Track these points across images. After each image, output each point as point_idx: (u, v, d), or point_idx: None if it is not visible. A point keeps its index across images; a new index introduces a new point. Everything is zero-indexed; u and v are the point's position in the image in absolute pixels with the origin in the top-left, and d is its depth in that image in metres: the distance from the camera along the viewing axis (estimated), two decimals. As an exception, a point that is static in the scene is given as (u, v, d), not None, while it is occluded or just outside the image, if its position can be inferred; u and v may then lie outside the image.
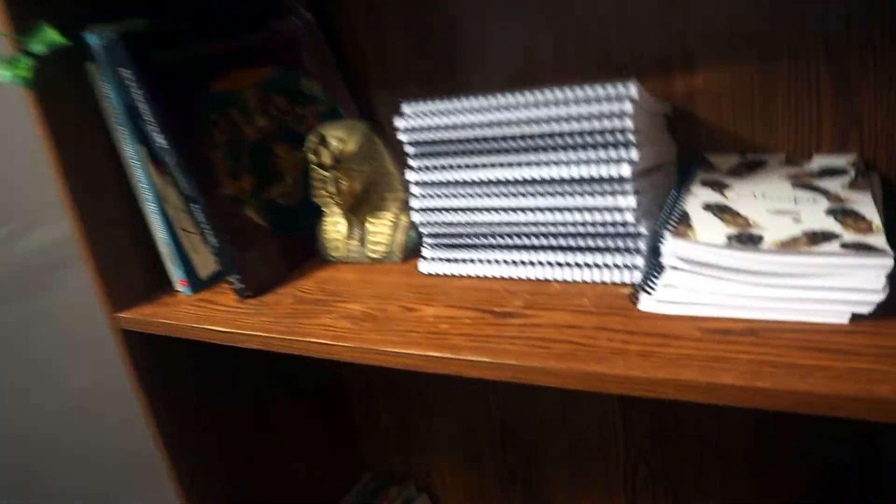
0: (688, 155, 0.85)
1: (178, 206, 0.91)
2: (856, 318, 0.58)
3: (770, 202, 0.68)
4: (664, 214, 0.68)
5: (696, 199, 0.70)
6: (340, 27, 1.04)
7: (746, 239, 0.60)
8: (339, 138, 0.87)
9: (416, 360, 0.68)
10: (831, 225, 0.62)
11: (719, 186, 0.73)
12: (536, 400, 1.17)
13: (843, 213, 0.64)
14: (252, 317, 0.84)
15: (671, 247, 0.62)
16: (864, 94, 0.76)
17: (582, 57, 0.89)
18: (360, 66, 1.05)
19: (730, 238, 0.61)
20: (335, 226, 0.94)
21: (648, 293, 0.65)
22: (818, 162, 0.78)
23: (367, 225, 0.93)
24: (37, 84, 0.83)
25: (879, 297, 0.56)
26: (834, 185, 0.71)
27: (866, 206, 0.65)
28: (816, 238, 0.59)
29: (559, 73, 0.91)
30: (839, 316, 0.58)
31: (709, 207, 0.68)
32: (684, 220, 0.65)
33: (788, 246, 0.59)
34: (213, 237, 0.88)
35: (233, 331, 0.82)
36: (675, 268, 0.63)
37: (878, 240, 0.58)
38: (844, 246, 0.58)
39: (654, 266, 0.65)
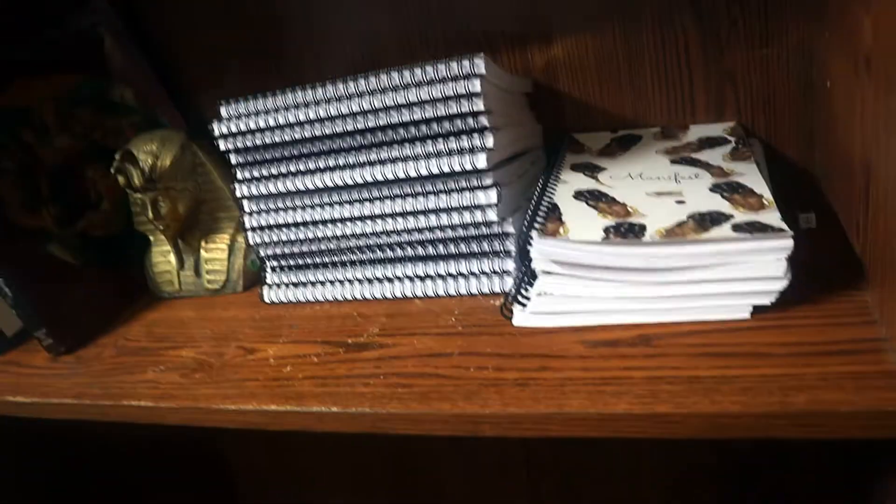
0: (556, 135, 0.76)
1: (-36, 252, 0.75)
2: (758, 310, 0.49)
3: (649, 183, 0.59)
4: (531, 209, 0.57)
5: (567, 187, 0.60)
6: (150, 20, 0.89)
7: (626, 230, 0.51)
8: (151, 153, 0.73)
9: (254, 416, 0.55)
10: (719, 203, 0.53)
11: (592, 169, 0.64)
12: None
13: (730, 189, 0.56)
14: (65, 378, 0.69)
15: (540, 248, 0.52)
16: (735, 50, 0.69)
17: (428, 35, 0.78)
18: (180, 64, 0.90)
19: (607, 231, 0.51)
20: (164, 256, 0.80)
21: (522, 305, 0.55)
22: (695, 132, 0.70)
23: (202, 252, 0.79)
24: None
25: (782, 283, 0.48)
26: (715, 156, 0.63)
27: (753, 178, 0.57)
28: (704, 221, 0.51)
29: (405, 55, 0.79)
30: (740, 311, 0.49)
31: (581, 195, 0.58)
32: (553, 213, 0.55)
33: (675, 234, 0.50)
34: (6, 286, 0.72)
35: (38, 400, 0.67)
36: (548, 272, 0.53)
37: (773, 217, 0.50)
38: (737, 228, 0.49)
39: (526, 272, 0.55)
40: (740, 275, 0.48)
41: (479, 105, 0.58)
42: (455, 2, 0.76)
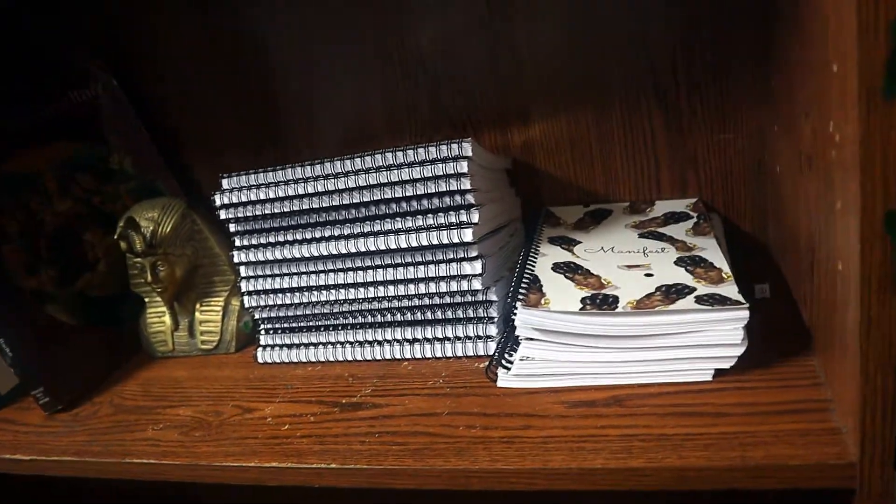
0: (533, 208, 0.82)
1: (-37, 312, 0.78)
2: (719, 373, 0.55)
3: (620, 256, 0.65)
4: (514, 280, 0.63)
5: (545, 260, 0.66)
6: (149, 93, 0.94)
7: (601, 301, 0.57)
8: (152, 220, 0.77)
9: (256, 472, 0.59)
10: (683, 276, 0.59)
11: (568, 243, 0.70)
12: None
13: (693, 262, 0.62)
14: (63, 436, 0.71)
15: (523, 318, 0.57)
16: (696, 135, 0.76)
17: (416, 115, 0.84)
18: (178, 134, 0.95)
19: (584, 302, 0.57)
20: (159, 317, 0.84)
21: (506, 368, 0.60)
22: (661, 208, 0.76)
23: (196, 313, 0.83)
24: None
25: (740, 350, 0.54)
26: (679, 231, 0.70)
27: (713, 252, 0.64)
28: (671, 293, 0.56)
29: (394, 135, 0.85)
30: (702, 374, 0.55)
31: (559, 268, 0.64)
32: (534, 285, 0.61)
33: (644, 305, 0.55)
34: (6, 345, 0.75)
35: (37, 458, 0.69)
36: (530, 339, 0.58)
37: (731, 290, 0.56)
38: (700, 300, 0.55)
39: (510, 338, 0.60)
40: (703, 342, 0.54)
41: (466, 184, 0.63)
42: (442, 86, 0.82)
